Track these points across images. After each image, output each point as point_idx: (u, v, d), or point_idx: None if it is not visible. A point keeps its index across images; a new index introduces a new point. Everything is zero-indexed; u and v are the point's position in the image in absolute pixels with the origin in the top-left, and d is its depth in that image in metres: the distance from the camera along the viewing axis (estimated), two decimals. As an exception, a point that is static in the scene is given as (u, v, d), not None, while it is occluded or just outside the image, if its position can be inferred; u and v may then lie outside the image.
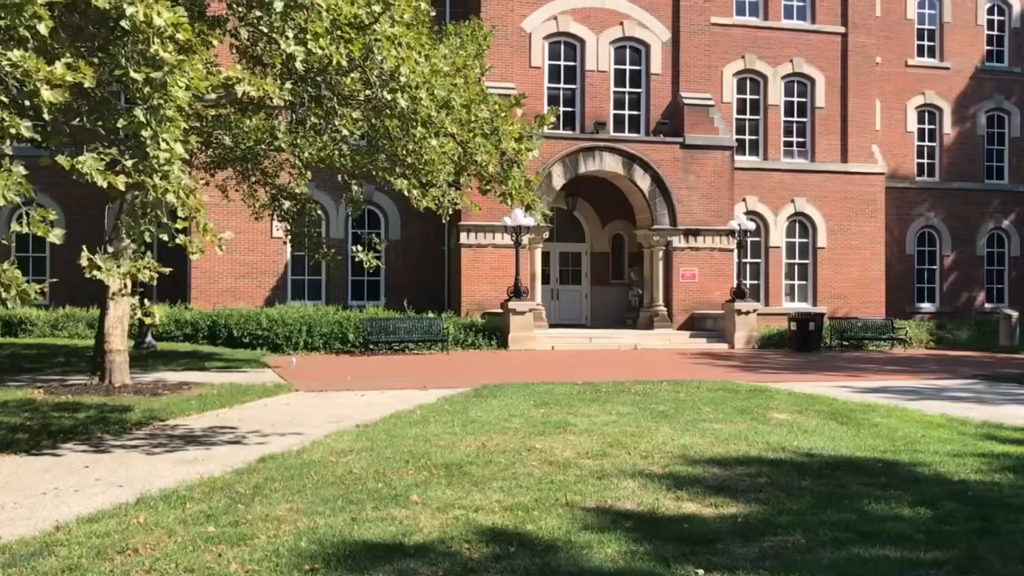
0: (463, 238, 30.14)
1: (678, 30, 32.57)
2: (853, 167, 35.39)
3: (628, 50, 32.63)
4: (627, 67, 32.66)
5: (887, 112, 38.32)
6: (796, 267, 35.27)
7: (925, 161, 39.37)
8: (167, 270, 9.37)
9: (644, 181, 31.56)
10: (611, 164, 31.41)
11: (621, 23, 32.28)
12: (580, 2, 31.97)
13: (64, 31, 10.71)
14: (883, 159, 36.59)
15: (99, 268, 8.48)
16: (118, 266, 8.74)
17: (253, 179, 20.01)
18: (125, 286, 13.80)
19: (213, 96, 12.38)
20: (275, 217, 21.65)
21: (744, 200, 34.31)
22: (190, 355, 23.21)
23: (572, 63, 32.27)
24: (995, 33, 40.31)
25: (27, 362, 20.96)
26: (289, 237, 22.63)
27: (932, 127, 39.41)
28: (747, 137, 34.92)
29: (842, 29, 35.35)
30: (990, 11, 40.20)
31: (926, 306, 38.77)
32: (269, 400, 15.73)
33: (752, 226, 31.42)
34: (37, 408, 13.78)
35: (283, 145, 16.12)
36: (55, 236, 7.50)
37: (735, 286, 30.74)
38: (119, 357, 16.85)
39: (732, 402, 15.29)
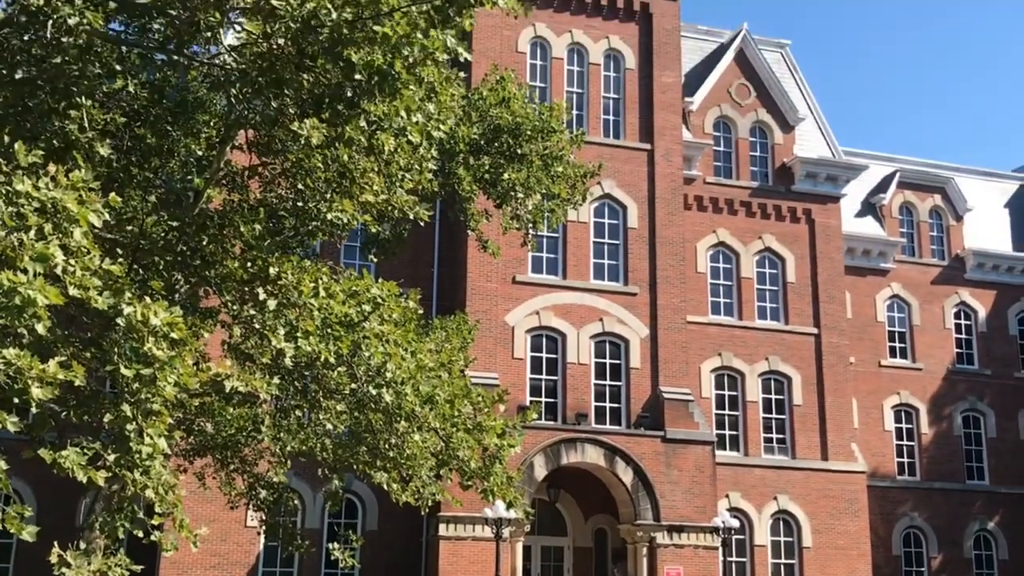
0: (442, 530, 29.46)
1: (656, 327, 33.47)
2: (834, 465, 35.37)
3: (608, 344, 33.40)
4: (607, 360, 33.27)
5: (864, 410, 38.82)
6: (783, 567, 34.37)
7: (905, 460, 39.43)
8: (138, 568, 9.12)
9: (627, 475, 31.34)
10: (593, 456, 31.31)
11: (601, 319, 33.24)
12: (561, 299, 33.09)
13: (58, 321, 10.97)
14: (863, 457, 36.65)
15: (69, 565, 8.25)
16: (88, 563, 8.51)
17: (231, 467, 19.79)
18: (91, 581, 13.30)
19: (200, 388, 12.52)
20: (251, 506, 21.23)
21: (727, 496, 33.96)
22: (149, 652, 22.00)
23: (554, 355, 32.92)
24: (963, 336, 41.65)
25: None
26: (263, 528, 22.09)
27: (909, 426, 39.79)
28: (727, 432, 35.12)
29: (815, 330, 36.45)
30: (956, 315, 41.73)
31: (917, 610, 37.62)
32: None
33: (736, 524, 30.94)
34: None
35: (266, 437, 16.12)
36: (28, 534, 7.35)
37: (720, 586, 29.87)
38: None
39: None
